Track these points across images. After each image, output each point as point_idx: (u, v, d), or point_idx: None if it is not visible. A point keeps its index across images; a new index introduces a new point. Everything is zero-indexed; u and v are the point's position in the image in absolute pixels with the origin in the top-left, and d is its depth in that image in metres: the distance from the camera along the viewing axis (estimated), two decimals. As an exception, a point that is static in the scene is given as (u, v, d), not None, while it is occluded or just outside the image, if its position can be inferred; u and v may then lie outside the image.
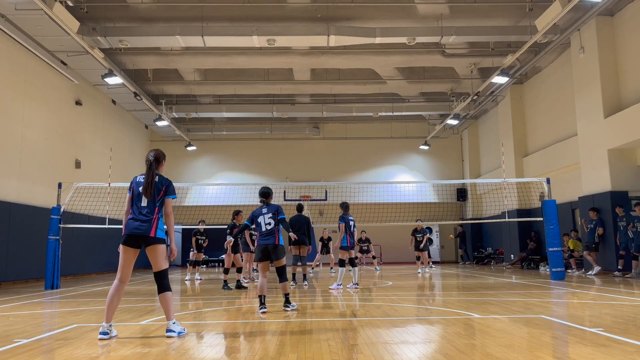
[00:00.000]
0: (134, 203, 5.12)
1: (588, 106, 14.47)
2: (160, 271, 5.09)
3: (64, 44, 14.22)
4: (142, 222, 4.99)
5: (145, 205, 5.06)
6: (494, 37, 14.49)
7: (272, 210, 7.06)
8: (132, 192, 5.16)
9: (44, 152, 15.18)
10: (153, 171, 5.13)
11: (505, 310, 6.70)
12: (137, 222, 4.99)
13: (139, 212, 5.04)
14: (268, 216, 6.99)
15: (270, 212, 7.03)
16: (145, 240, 5.01)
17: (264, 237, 6.93)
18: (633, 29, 13.26)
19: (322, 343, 4.63)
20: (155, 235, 5.01)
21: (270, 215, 7.00)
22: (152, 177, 5.09)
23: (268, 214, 7.02)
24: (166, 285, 5.09)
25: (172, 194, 5.16)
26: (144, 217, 5.01)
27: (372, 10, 13.95)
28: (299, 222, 11.91)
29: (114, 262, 19.60)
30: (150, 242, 5.00)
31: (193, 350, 4.51)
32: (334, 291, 9.98)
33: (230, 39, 13.94)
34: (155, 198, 5.08)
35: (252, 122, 24.55)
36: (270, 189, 7.30)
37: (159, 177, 5.17)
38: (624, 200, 13.50)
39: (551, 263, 12.35)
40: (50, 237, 12.06)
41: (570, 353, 4.10)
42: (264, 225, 6.98)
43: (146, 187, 5.05)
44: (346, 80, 19.24)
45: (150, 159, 5.17)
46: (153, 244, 5.01)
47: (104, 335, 4.96)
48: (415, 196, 24.03)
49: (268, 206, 7.12)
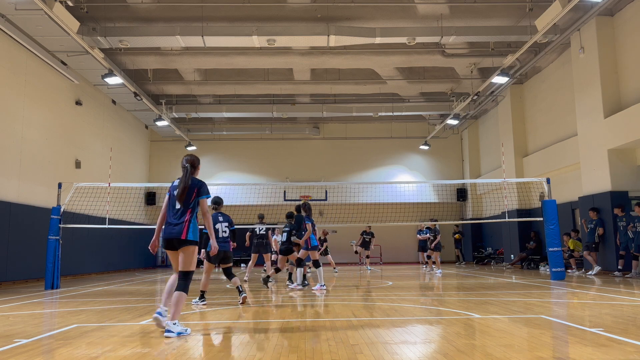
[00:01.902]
0: (170, 207, 5.41)
1: (588, 106, 14.47)
2: (185, 271, 5.30)
3: (64, 44, 14.22)
4: (175, 225, 5.27)
5: (179, 208, 5.32)
6: (494, 37, 14.49)
7: (228, 220, 8.10)
8: (170, 196, 5.45)
9: (44, 152, 15.18)
10: (188, 176, 5.35)
11: (505, 310, 6.70)
12: (170, 226, 5.30)
13: (173, 215, 5.32)
14: (225, 225, 8.01)
15: (227, 222, 8.06)
16: (178, 242, 5.26)
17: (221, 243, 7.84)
18: (633, 29, 13.26)
19: (322, 343, 4.63)
20: (186, 237, 5.23)
21: (226, 224, 8.04)
22: (186, 182, 5.32)
23: (225, 222, 8.03)
24: (184, 286, 5.27)
25: (206, 194, 5.38)
26: (177, 220, 5.28)
27: (372, 10, 13.95)
28: (297, 223, 11.95)
29: (114, 262, 19.79)
30: (182, 244, 5.25)
31: (193, 350, 4.51)
32: (316, 292, 9.94)
33: (230, 39, 13.94)
34: (188, 201, 5.32)
35: (252, 122, 24.55)
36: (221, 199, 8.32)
37: (192, 180, 5.39)
38: (624, 200, 13.49)
39: (551, 263, 12.35)
40: (50, 237, 12.05)
41: (570, 353, 4.10)
42: (221, 232, 7.91)
43: (180, 191, 5.31)
44: (346, 80, 19.24)
45: (186, 165, 5.41)
46: (184, 245, 5.26)
47: (159, 314, 5.31)
48: (415, 196, 24.02)
49: (223, 215, 8.12)
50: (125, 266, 21.13)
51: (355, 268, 21.24)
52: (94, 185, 14.03)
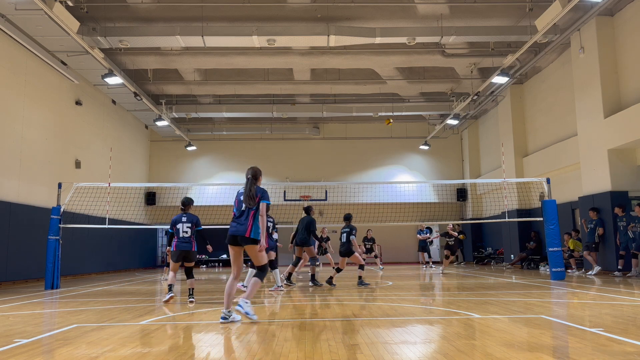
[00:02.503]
0: (236, 209, 6.26)
1: (588, 106, 14.47)
2: (259, 266, 6.16)
3: (64, 44, 14.22)
4: (240, 225, 6.08)
5: (244, 210, 6.16)
6: (494, 37, 14.49)
7: (191, 220, 8.35)
8: (237, 201, 6.30)
9: (44, 152, 15.18)
10: (251, 185, 6.22)
11: (505, 310, 6.70)
12: (236, 224, 6.10)
13: (238, 217, 6.17)
14: (187, 225, 8.31)
15: (190, 222, 8.33)
16: (242, 239, 6.00)
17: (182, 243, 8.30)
18: (633, 29, 13.26)
19: (322, 343, 4.63)
20: (250, 235, 5.99)
21: (188, 225, 8.32)
22: (249, 190, 6.19)
23: (187, 223, 8.35)
24: (260, 276, 6.15)
25: (267, 200, 6.23)
26: (242, 221, 6.11)
27: (372, 10, 13.95)
28: (301, 223, 11.95)
29: (114, 262, 19.78)
30: (246, 242, 6.00)
31: (193, 350, 4.51)
32: (273, 293, 9.90)
33: (230, 39, 13.94)
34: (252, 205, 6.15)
35: (252, 122, 24.54)
36: (190, 200, 8.59)
37: (256, 188, 6.26)
38: (624, 200, 13.49)
39: (551, 263, 12.35)
40: (50, 237, 12.06)
41: (570, 353, 4.10)
42: (182, 232, 8.32)
43: (246, 197, 6.17)
44: (346, 80, 19.24)
45: (249, 176, 6.30)
46: (248, 243, 6.00)
47: (224, 320, 6.01)
48: (415, 196, 24.02)
49: (188, 215, 8.42)
50: (125, 266, 21.13)
51: (355, 268, 21.23)
52: (94, 185, 14.03)
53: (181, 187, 22.81)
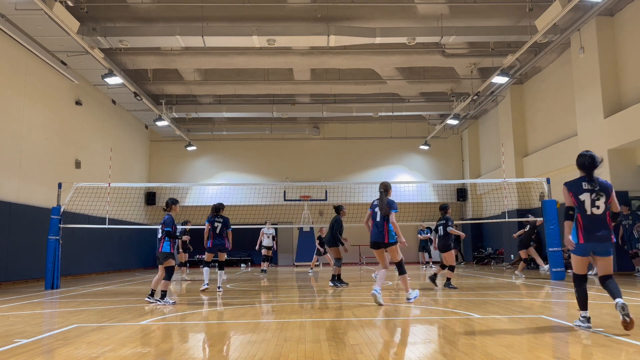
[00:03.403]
0: (373, 218, 7.79)
1: (588, 106, 14.47)
2: (397, 262, 7.80)
3: (64, 44, 14.22)
4: (378, 232, 7.68)
5: (379, 220, 7.69)
6: (494, 37, 14.49)
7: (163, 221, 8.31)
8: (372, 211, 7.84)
9: (44, 152, 15.18)
10: (383, 197, 7.73)
11: (505, 310, 6.70)
12: (375, 232, 7.71)
13: (376, 225, 7.72)
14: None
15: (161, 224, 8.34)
16: (383, 244, 7.65)
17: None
18: (633, 29, 13.26)
19: (322, 343, 4.63)
20: (387, 241, 7.60)
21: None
22: (382, 202, 7.69)
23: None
24: (401, 269, 7.83)
25: (395, 209, 7.67)
26: (380, 228, 7.67)
27: (372, 10, 13.95)
28: (330, 223, 11.91)
29: (114, 262, 19.78)
30: (386, 245, 7.65)
31: (193, 351, 4.51)
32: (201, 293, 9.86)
33: (230, 39, 13.94)
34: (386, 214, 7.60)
35: (252, 122, 24.54)
36: (171, 201, 8.51)
37: (387, 200, 7.70)
38: (624, 200, 13.48)
39: (551, 263, 12.34)
40: (50, 237, 12.05)
41: (570, 353, 4.10)
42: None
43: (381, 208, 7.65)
44: (346, 80, 19.24)
45: (381, 190, 7.82)
46: (387, 246, 7.66)
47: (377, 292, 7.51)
48: (415, 196, 24.00)
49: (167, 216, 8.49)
50: (125, 266, 21.13)
51: (355, 268, 21.23)
52: (94, 185, 14.02)
53: (181, 187, 22.82)
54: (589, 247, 5.09)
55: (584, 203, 5.13)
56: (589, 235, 5.05)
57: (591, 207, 5.09)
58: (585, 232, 5.06)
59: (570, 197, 5.23)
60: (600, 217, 5.08)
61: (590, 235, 5.05)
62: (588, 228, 5.06)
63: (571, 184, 5.31)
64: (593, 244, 5.06)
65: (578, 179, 5.32)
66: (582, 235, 5.09)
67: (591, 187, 5.15)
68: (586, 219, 5.09)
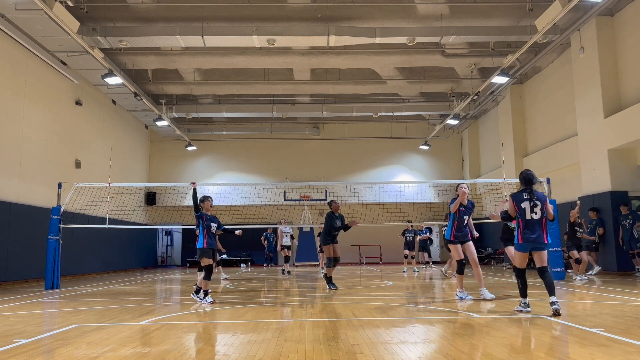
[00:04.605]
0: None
1: (588, 106, 14.47)
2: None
3: (64, 44, 14.22)
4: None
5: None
6: (494, 37, 14.49)
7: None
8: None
9: (44, 152, 15.18)
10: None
11: (505, 310, 6.70)
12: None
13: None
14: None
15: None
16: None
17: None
18: (633, 29, 13.26)
19: (322, 343, 4.63)
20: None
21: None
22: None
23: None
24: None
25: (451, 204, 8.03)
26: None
27: (372, 10, 13.95)
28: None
29: (114, 262, 19.77)
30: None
31: (193, 350, 4.51)
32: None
33: (230, 39, 13.94)
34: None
35: (252, 122, 24.54)
36: (204, 197, 8.61)
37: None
38: (624, 200, 13.49)
39: (551, 263, 12.33)
40: (50, 237, 12.05)
41: (570, 353, 4.10)
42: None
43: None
44: (346, 80, 19.24)
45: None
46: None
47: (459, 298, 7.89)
48: (415, 196, 24.00)
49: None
50: (125, 266, 21.13)
51: (355, 268, 21.22)
52: (94, 185, 14.02)
53: (181, 187, 22.80)
54: (527, 245, 6.30)
55: (525, 210, 6.29)
56: (526, 236, 6.26)
57: (530, 212, 6.27)
58: (523, 234, 6.27)
59: (514, 205, 6.36)
60: (537, 222, 6.27)
61: (527, 236, 6.25)
62: (525, 230, 6.26)
63: (514, 195, 6.43)
64: (529, 243, 6.27)
65: (520, 190, 6.45)
66: (520, 236, 6.29)
67: (529, 197, 6.32)
68: (525, 223, 6.28)
